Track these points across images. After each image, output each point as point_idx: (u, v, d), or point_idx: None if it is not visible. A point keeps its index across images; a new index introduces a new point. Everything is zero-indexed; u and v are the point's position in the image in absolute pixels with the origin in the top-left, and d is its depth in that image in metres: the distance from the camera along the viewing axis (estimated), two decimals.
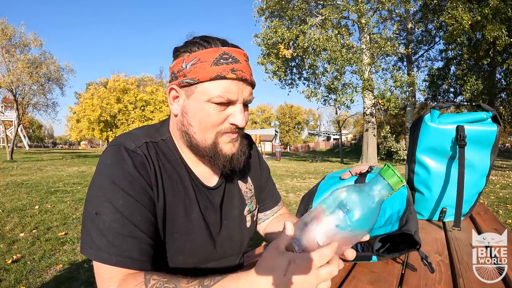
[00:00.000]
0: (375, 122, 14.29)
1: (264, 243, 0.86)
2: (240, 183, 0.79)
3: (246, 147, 0.71)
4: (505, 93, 14.80)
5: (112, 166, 0.57)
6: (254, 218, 0.82)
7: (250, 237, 0.80)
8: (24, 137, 39.54)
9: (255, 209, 0.82)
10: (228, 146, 0.65)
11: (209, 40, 0.63)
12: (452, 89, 15.46)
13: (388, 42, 12.38)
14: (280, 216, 0.88)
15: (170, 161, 0.66)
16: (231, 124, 0.63)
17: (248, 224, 0.78)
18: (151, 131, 0.69)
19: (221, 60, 0.60)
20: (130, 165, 0.58)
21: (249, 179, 0.82)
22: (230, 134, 0.64)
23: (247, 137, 0.84)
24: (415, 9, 13.62)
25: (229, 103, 0.62)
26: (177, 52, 0.64)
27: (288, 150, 54.61)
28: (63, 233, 3.16)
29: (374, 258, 0.75)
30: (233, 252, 0.75)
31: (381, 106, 13.30)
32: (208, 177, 0.72)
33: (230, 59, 0.61)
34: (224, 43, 0.63)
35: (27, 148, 37.66)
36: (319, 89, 14.80)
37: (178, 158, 0.68)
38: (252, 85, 0.65)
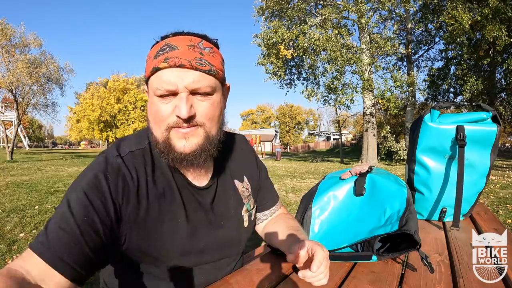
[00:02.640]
0: (375, 122, 14.29)
1: (263, 243, 0.86)
2: (236, 182, 0.77)
3: (213, 146, 0.64)
4: (505, 93, 14.80)
5: (87, 170, 0.60)
6: (252, 218, 0.81)
7: (249, 236, 0.80)
8: (24, 137, 39.55)
9: (253, 208, 0.81)
10: (181, 143, 0.61)
11: (164, 35, 0.62)
12: (452, 89, 15.46)
13: (388, 42, 12.37)
14: (278, 217, 0.87)
15: (157, 165, 0.65)
16: (177, 116, 0.59)
17: (246, 223, 0.77)
18: (142, 134, 0.69)
19: (159, 53, 0.59)
20: (100, 171, 0.58)
21: (245, 178, 0.80)
22: (177, 128, 0.60)
23: (233, 137, 0.83)
24: (415, 9, 13.60)
25: (172, 95, 0.59)
26: None
27: (288, 150, 54.61)
28: None
29: (374, 257, 0.75)
30: (231, 253, 0.75)
31: (381, 106, 13.29)
32: (199, 176, 0.70)
33: (167, 49, 0.59)
34: (177, 34, 0.62)
35: (27, 148, 37.66)
36: (318, 89, 14.80)
37: (163, 161, 0.65)
38: (198, 69, 0.58)
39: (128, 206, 0.59)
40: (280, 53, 13.44)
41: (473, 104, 1.15)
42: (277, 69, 14.45)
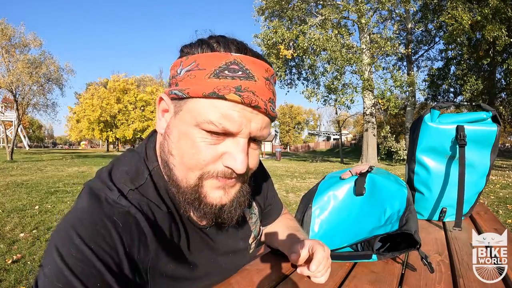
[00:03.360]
0: (375, 122, 14.30)
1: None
2: (244, 210, 0.67)
3: (246, 197, 0.52)
4: (505, 93, 14.83)
5: (81, 212, 0.43)
6: (257, 242, 0.74)
7: None
8: (24, 137, 39.57)
9: (259, 235, 0.74)
10: (216, 194, 0.48)
11: (221, 40, 0.46)
12: (452, 89, 15.49)
13: (388, 42, 12.39)
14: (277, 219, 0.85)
15: (164, 204, 0.51)
16: (226, 167, 0.45)
17: (252, 250, 0.71)
18: (137, 160, 0.53)
19: (226, 72, 0.43)
20: (106, 219, 0.43)
21: (253, 203, 0.70)
22: (222, 179, 0.47)
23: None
24: (415, 9, 13.62)
25: (226, 135, 0.45)
26: (181, 53, 0.49)
27: (288, 150, 54.65)
28: None
29: (374, 257, 0.75)
30: (233, 274, 0.71)
31: (381, 106, 13.30)
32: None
33: (240, 72, 0.43)
34: (242, 48, 0.46)
35: (27, 148, 37.68)
36: (318, 89, 14.82)
37: (168, 196, 0.52)
38: (269, 115, 0.46)
39: (147, 256, 0.46)
40: (280, 53, 13.45)
41: (473, 104, 1.15)
42: (277, 69, 14.45)
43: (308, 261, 0.59)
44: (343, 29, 13.14)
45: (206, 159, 0.45)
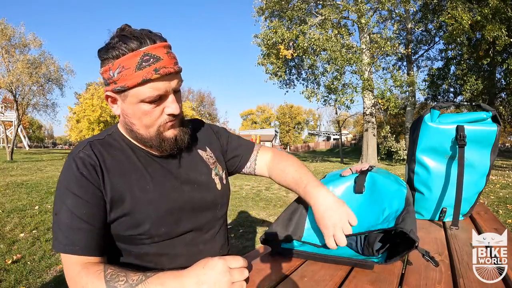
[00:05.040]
0: (375, 122, 14.28)
1: (259, 244, 0.86)
2: (199, 151, 0.85)
3: (187, 126, 0.77)
4: (505, 93, 14.82)
5: (63, 173, 0.68)
6: (224, 182, 0.88)
7: (226, 202, 0.87)
8: (24, 137, 39.52)
9: (222, 173, 0.88)
10: (170, 132, 0.72)
11: (127, 41, 0.63)
12: (452, 89, 15.48)
13: (388, 42, 12.37)
14: (274, 159, 0.93)
15: (116, 148, 0.73)
16: (168, 115, 0.70)
17: (219, 186, 0.84)
18: (101, 132, 0.78)
19: (143, 64, 0.63)
20: (75, 170, 0.66)
21: (207, 148, 0.88)
22: (169, 122, 0.71)
23: (189, 120, 0.89)
24: (415, 9, 13.61)
25: (160, 98, 0.67)
26: (101, 58, 0.67)
27: (288, 150, 54.60)
28: None
29: (375, 260, 0.74)
30: (208, 217, 0.80)
31: (381, 106, 13.29)
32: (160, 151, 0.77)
33: (151, 60, 0.63)
34: (142, 40, 0.64)
35: (27, 148, 37.64)
36: (318, 89, 14.80)
37: (125, 144, 0.75)
38: (178, 72, 0.69)
39: (101, 187, 0.68)
40: (280, 53, 13.44)
41: (473, 104, 1.15)
42: (277, 69, 14.44)
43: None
44: (343, 29, 13.13)
45: (156, 116, 0.69)
